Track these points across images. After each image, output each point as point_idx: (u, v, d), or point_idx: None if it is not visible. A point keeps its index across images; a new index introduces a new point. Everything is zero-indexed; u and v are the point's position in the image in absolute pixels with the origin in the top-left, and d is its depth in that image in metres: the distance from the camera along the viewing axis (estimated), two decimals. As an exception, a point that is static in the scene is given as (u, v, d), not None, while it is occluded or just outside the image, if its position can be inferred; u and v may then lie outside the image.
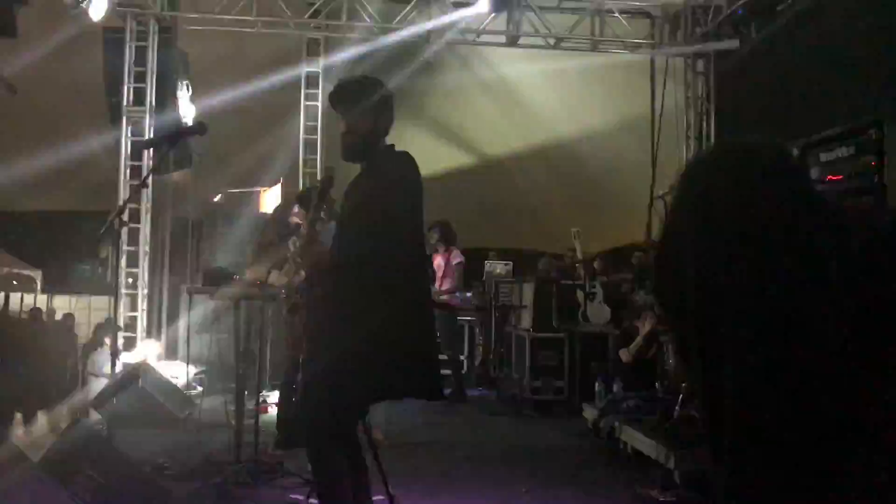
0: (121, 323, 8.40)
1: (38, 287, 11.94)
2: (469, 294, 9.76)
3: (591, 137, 12.19)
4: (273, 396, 7.23)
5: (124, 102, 9.35)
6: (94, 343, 8.23)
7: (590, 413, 6.53)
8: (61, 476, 3.72)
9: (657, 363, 5.78)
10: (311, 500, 3.99)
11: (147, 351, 7.71)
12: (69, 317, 11.64)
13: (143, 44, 9.45)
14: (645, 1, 10.44)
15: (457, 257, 8.41)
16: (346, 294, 3.02)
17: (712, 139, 10.72)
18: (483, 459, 5.69)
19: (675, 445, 4.66)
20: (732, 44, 9.48)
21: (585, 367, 7.95)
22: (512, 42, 10.29)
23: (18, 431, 4.30)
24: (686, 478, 4.48)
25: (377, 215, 3.00)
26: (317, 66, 11.10)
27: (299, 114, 11.30)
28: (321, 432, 2.94)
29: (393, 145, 3.23)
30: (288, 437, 2.96)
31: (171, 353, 9.27)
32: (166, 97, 9.47)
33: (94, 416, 6.30)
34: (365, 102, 3.15)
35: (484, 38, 10.33)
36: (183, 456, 4.98)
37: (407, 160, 3.14)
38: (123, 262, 8.47)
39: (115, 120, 9.42)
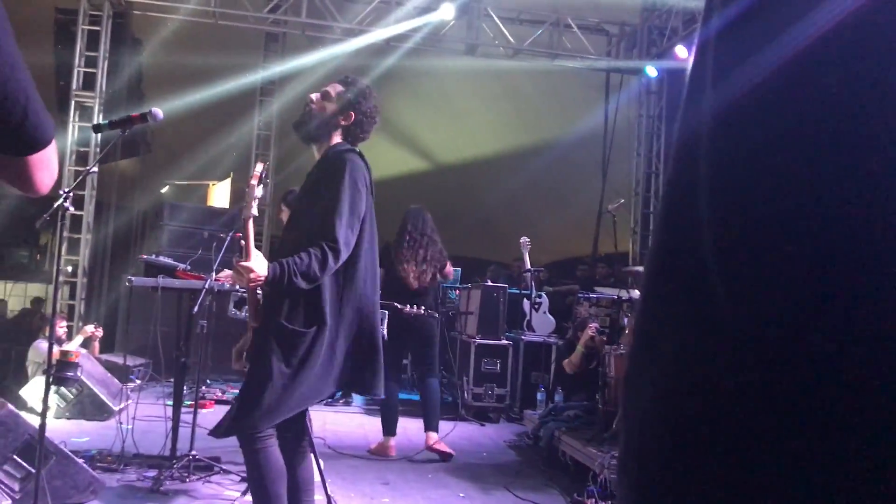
0: (59, 311, 8.19)
1: (-28, 271, 11.61)
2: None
3: (545, 150, 12.33)
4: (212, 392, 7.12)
5: (73, 86, 9.16)
6: (33, 330, 8.02)
7: (530, 421, 6.58)
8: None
9: (599, 375, 5.84)
10: (246, 498, 3.95)
11: (85, 340, 7.52)
12: (1, 303, 11.34)
13: (95, 28, 9.27)
14: (603, 19, 10.62)
15: None
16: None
17: (662, 158, 10.94)
18: (422, 464, 5.69)
19: (612, 456, 4.73)
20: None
21: (528, 376, 8.02)
22: (470, 50, 10.36)
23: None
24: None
25: (337, 209, 2.93)
26: (275, 62, 10.98)
27: (254, 109, 11.17)
28: (249, 428, 2.87)
29: (352, 148, 3.19)
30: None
31: (109, 343, 9.08)
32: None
33: (26, 403, 6.15)
34: (337, 90, 3.17)
35: (443, 44, 10.37)
36: (117, 448, 4.87)
37: (362, 162, 3.12)
38: (64, 249, 8.28)
39: (62, 104, 9.21)
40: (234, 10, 9.63)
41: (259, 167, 2.99)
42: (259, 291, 3.14)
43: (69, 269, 9.04)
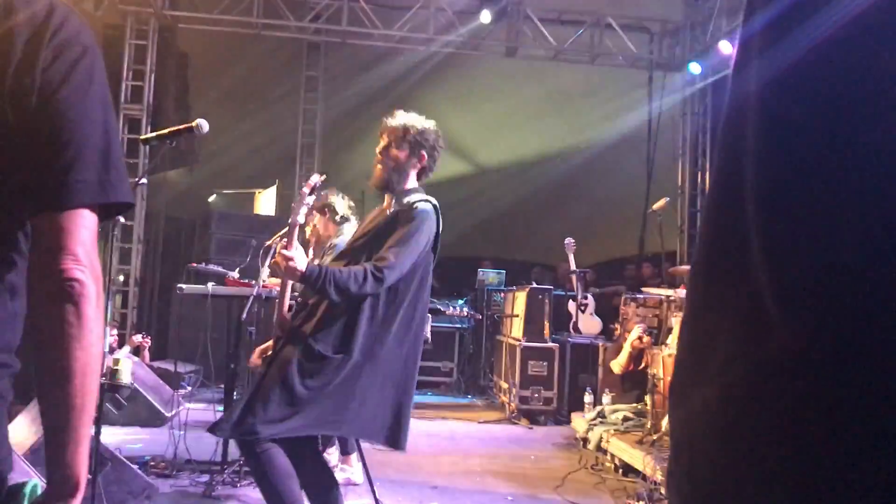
0: (111, 319, 8.37)
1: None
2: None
3: (588, 149, 12.23)
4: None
5: (121, 100, 9.36)
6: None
7: (578, 424, 6.53)
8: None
9: (647, 376, 5.78)
10: None
11: (134, 349, 7.68)
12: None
13: (142, 42, 9.47)
14: (644, 16, 10.51)
15: None
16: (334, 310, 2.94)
17: (708, 156, 10.78)
18: (470, 467, 5.68)
19: (661, 458, 4.67)
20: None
21: (575, 378, 7.96)
22: (511, 52, 10.33)
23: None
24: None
25: (398, 243, 2.92)
26: (316, 70, 11.08)
27: (298, 117, 11.28)
28: (250, 433, 2.82)
29: (423, 194, 3.17)
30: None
31: (160, 351, 9.24)
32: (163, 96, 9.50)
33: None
34: (408, 136, 3.13)
35: (483, 47, 10.36)
36: (169, 454, 4.96)
37: (435, 216, 3.10)
38: (116, 259, 8.46)
39: (112, 117, 9.41)
40: (276, 21, 9.75)
41: (315, 177, 3.01)
42: (288, 301, 3.16)
43: (121, 278, 9.23)
